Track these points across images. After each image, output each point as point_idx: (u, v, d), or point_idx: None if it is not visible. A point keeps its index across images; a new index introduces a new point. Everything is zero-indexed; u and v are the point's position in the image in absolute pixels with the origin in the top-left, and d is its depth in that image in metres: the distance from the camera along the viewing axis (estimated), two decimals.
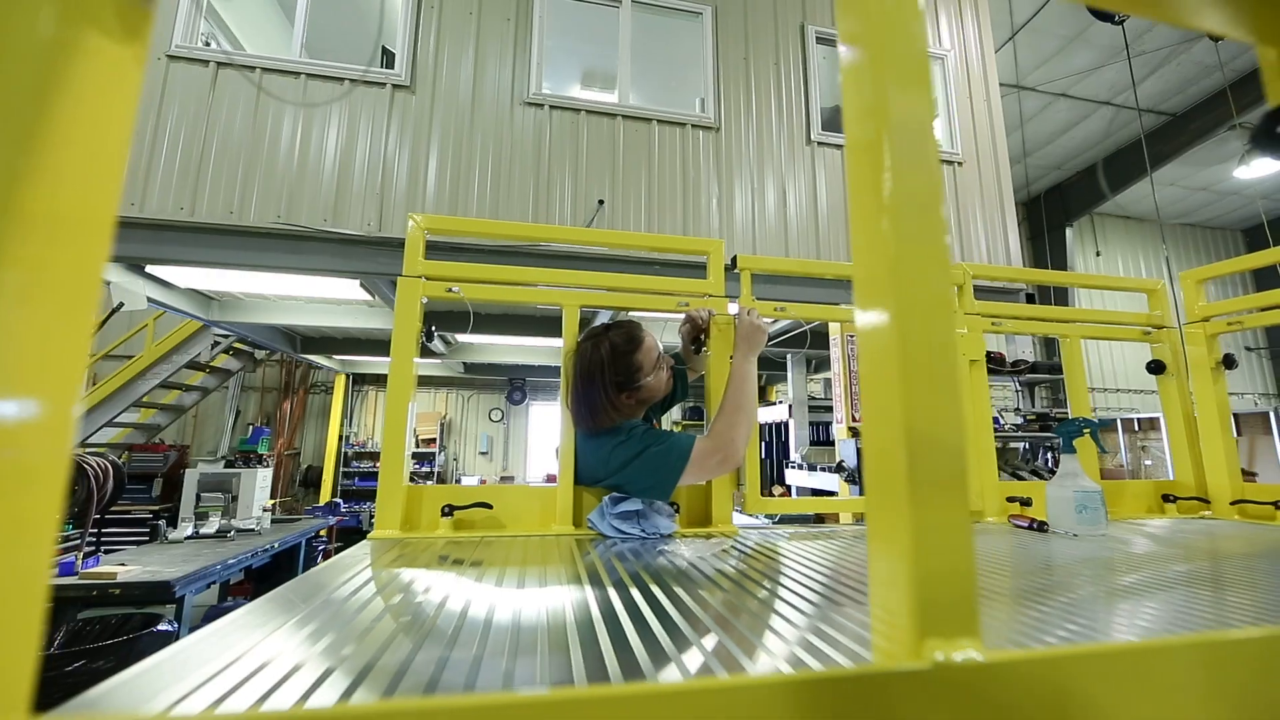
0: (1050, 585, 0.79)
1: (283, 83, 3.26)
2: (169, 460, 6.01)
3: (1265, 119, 0.46)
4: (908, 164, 0.33)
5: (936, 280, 0.32)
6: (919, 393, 0.30)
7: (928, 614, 0.28)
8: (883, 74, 0.34)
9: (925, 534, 0.29)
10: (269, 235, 3.11)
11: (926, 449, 0.29)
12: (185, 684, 0.43)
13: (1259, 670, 0.30)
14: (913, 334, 0.31)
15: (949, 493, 0.29)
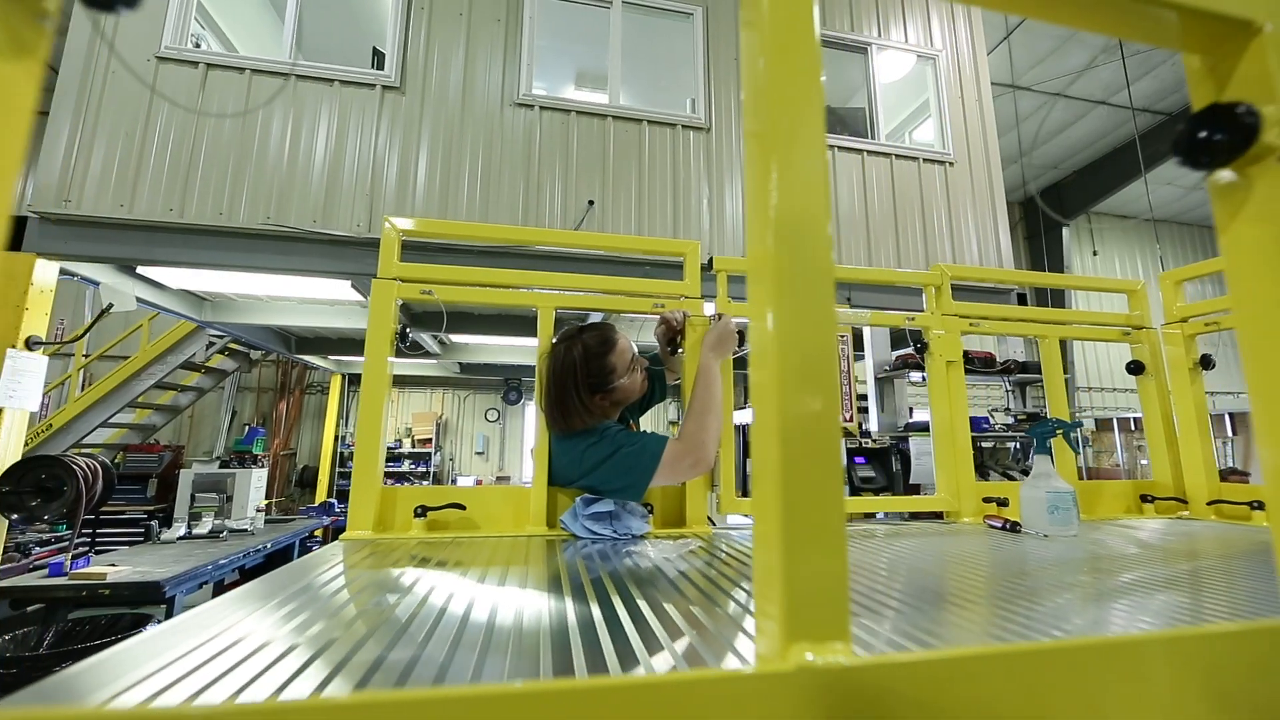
0: (992, 586, 0.80)
1: (272, 84, 3.26)
2: (164, 461, 6.02)
3: (1189, 124, 0.46)
4: (793, 155, 0.34)
5: (813, 279, 0.32)
6: (793, 394, 0.30)
7: (796, 616, 0.28)
8: (773, 62, 0.35)
9: (796, 536, 0.29)
10: (259, 236, 3.12)
11: (799, 451, 0.30)
12: (139, 672, 0.44)
13: (1126, 676, 0.30)
14: (788, 330, 0.32)
15: (821, 496, 0.29)
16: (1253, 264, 0.44)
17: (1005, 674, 0.29)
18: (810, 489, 0.30)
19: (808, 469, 0.30)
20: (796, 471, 0.30)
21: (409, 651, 0.53)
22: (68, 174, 2.95)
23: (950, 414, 1.58)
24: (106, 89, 3.08)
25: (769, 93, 0.35)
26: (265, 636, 0.56)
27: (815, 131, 0.35)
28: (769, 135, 0.35)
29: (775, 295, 0.32)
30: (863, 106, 4.33)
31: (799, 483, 0.30)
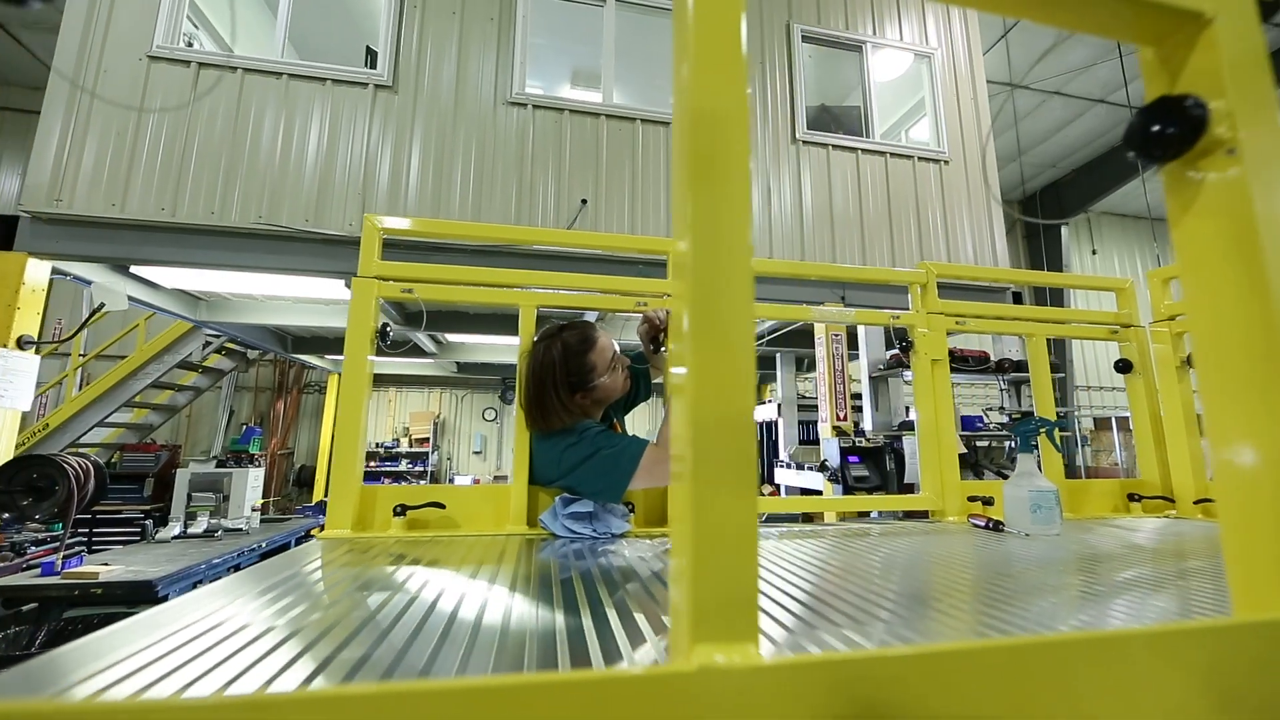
0: (959, 586, 0.79)
1: (264, 83, 3.26)
2: (160, 460, 6.02)
3: (1140, 118, 0.45)
4: (715, 147, 0.33)
5: (731, 278, 0.31)
6: (705, 394, 0.30)
7: (702, 618, 0.28)
8: (696, 52, 0.34)
9: (704, 537, 0.29)
10: (251, 235, 3.11)
11: (710, 452, 0.29)
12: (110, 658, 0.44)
13: (1031, 678, 0.30)
14: (703, 319, 0.31)
15: (732, 493, 0.29)
16: (1204, 258, 0.44)
17: (921, 674, 0.29)
18: (720, 490, 0.29)
19: (719, 470, 0.29)
20: (707, 472, 0.29)
21: (360, 650, 0.52)
22: (59, 173, 2.95)
23: (935, 413, 1.58)
24: (98, 87, 3.08)
25: (695, 103, 0.34)
26: (218, 633, 0.55)
27: (738, 139, 0.34)
28: (694, 137, 0.34)
29: (692, 294, 0.31)
30: (858, 105, 4.32)
31: (709, 484, 0.29)
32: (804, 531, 1.27)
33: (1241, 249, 0.41)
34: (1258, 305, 0.40)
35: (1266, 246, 0.40)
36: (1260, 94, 0.43)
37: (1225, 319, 0.42)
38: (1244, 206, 0.41)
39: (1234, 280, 0.41)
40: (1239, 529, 0.41)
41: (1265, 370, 0.39)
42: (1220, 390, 0.42)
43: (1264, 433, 0.39)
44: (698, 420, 0.30)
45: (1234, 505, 0.41)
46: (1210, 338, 0.43)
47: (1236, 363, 0.41)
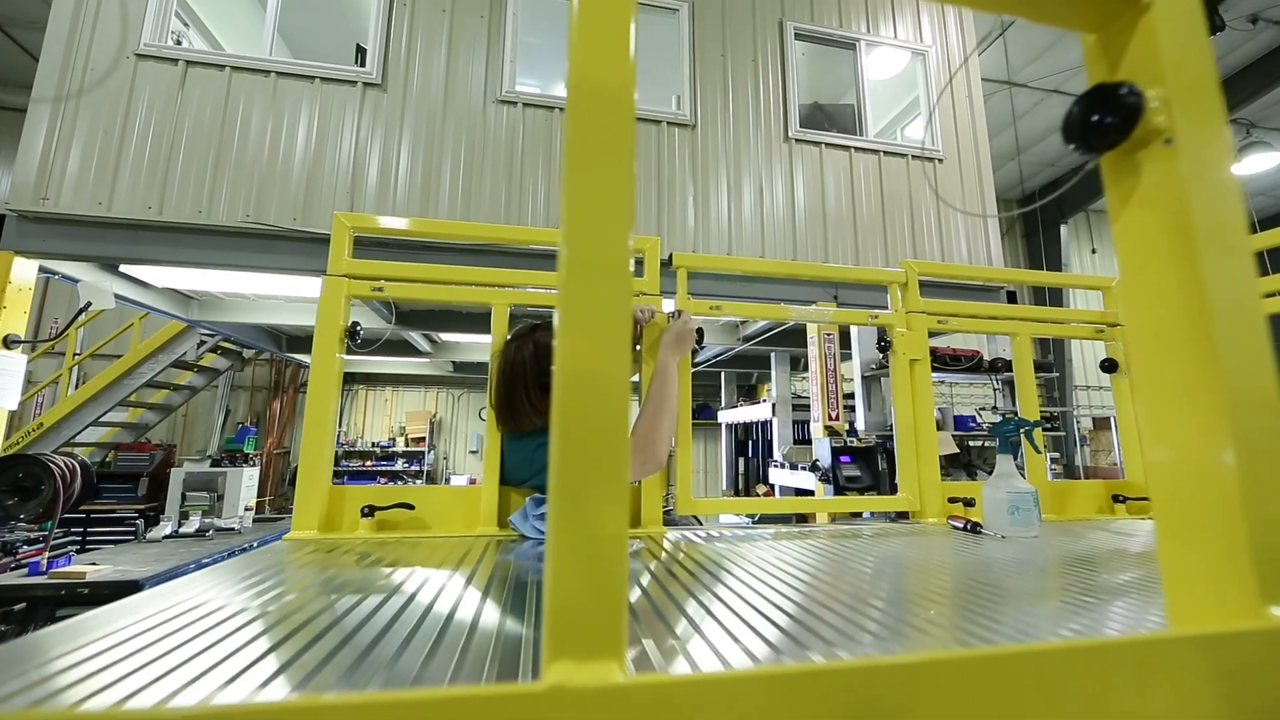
0: (917, 592, 0.78)
1: (252, 80, 3.25)
2: (155, 459, 6.01)
3: (1076, 107, 0.43)
4: (597, 124, 0.32)
5: (607, 272, 0.30)
6: (574, 392, 0.28)
7: (561, 632, 0.26)
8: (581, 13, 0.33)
9: (568, 545, 0.27)
10: (238, 234, 3.10)
11: (577, 455, 0.28)
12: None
13: (884, 700, 0.28)
14: (574, 302, 0.29)
15: (597, 504, 0.27)
16: (1140, 253, 0.42)
17: (791, 694, 0.27)
18: (586, 495, 0.27)
19: (585, 474, 0.27)
20: (573, 476, 0.27)
21: (284, 657, 0.51)
22: (45, 171, 2.94)
23: (914, 413, 1.56)
24: (85, 85, 3.07)
25: (579, 70, 0.33)
26: (146, 637, 0.54)
27: (622, 113, 0.33)
28: (576, 107, 0.32)
29: (564, 287, 0.30)
30: (852, 103, 4.30)
31: (574, 488, 0.27)
32: (791, 533, 1.25)
33: (1177, 244, 0.39)
34: (1193, 302, 0.38)
35: (1201, 242, 0.38)
36: (1200, 82, 0.41)
37: (1159, 317, 0.40)
38: (1180, 200, 0.39)
39: (1170, 277, 0.40)
40: (1174, 537, 0.39)
41: (1198, 373, 0.38)
42: (1154, 392, 0.41)
43: (1197, 437, 0.38)
44: (565, 418, 0.28)
45: (1169, 513, 0.40)
46: (1145, 337, 0.41)
47: (1170, 365, 0.40)
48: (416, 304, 4.55)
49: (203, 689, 0.44)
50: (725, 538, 1.18)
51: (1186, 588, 0.38)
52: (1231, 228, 0.39)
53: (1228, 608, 0.36)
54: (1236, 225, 0.39)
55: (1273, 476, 0.36)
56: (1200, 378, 0.38)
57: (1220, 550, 0.36)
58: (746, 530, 1.29)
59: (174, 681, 0.45)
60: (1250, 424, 0.36)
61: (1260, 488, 0.35)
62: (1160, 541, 0.40)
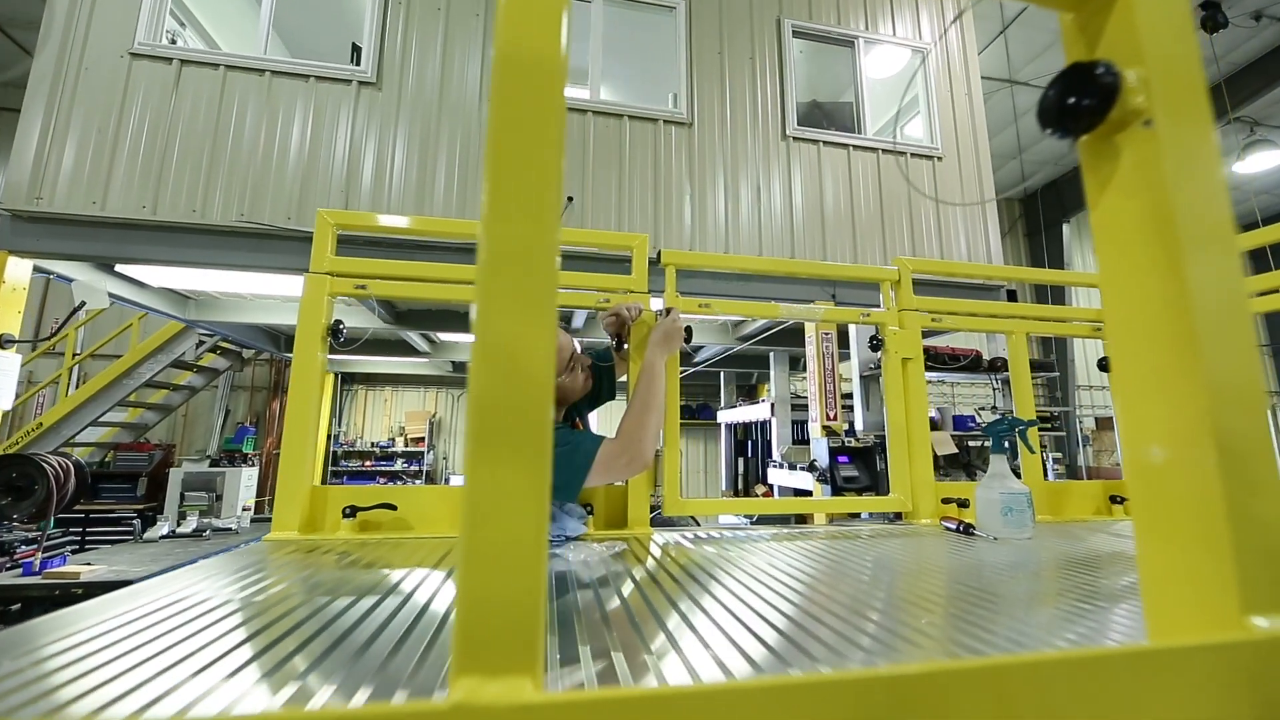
0: (894, 597, 0.75)
1: (247, 79, 3.23)
2: (154, 459, 6.01)
3: (1053, 88, 0.41)
4: (523, 103, 0.30)
5: (529, 259, 0.28)
6: (489, 384, 0.26)
7: (471, 643, 0.24)
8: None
9: (480, 545, 0.25)
10: (232, 233, 3.09)
11: (490, 452, 0.26)
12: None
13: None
14: (494, 290, 0.27)
15: (511, 497, 0.25)
16: (1119, 242, 0.40)
17: (732, 714, 0.25)
18: (500, 497, 0.25)
19: (499, 475, 0.25)
20: (486, 476, 0.25)
21: (234, 662, 0.49)
22: (40, 170, 2.93)
23: (906, 413, 1.54)
24: (80, 84, 3.06)
25: (506, 42, 0.31)
26: (107, 639, 0.52)
27: (552, 89, 0.31)
28: (506, 110, 0.30)
29: (483, 275, 0.28)
30: (851, 101, 4.27)
31: (487, 488, 0.25)
32: (780, 535, 1.23)
33: (1157, 233, 0.37)
34: (1173, 294, 0.36)
35: (1183, 230, 0.36)
36: (1181, 62, 0.39)
37: (1138, 310, 0.38)
38: (1159, 185, 0.37)
39: (1149, 268, 0.37)
40: (1153, 543, 0.37)
41: (1178, 370, 0.35)
42: (1132, 390, 0.38)
43: (1178, 437, 0.35)
44: (480, 415, 0.26)
45: (1148, 517, 0.37)
46: (1123, 331, 0.39)
47: (1149, 361, 0.37)
48: (414, 303, 4.54)
49: (144, 693, 0.42)
50: (715, 540, 1.16)
51: (1166, 596, 0.36)
52: (1215, 215, 0.37)
53: (1209, 618, 0.34)
54: (1220, 212, 0.37)
55: (1256, 479, 0.34)
56: (1181, 375, 0.35)
57: (1201, 557, 0.34)
58: (736, 532, 1.27)
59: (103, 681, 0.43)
60: (1233, 424, 0.34)
61: (1243, 491, 0.33)
62: (1139, 548, 0.38)
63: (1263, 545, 0.33)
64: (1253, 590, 0.32)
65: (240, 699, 0.41)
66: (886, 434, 1.58)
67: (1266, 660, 0.31)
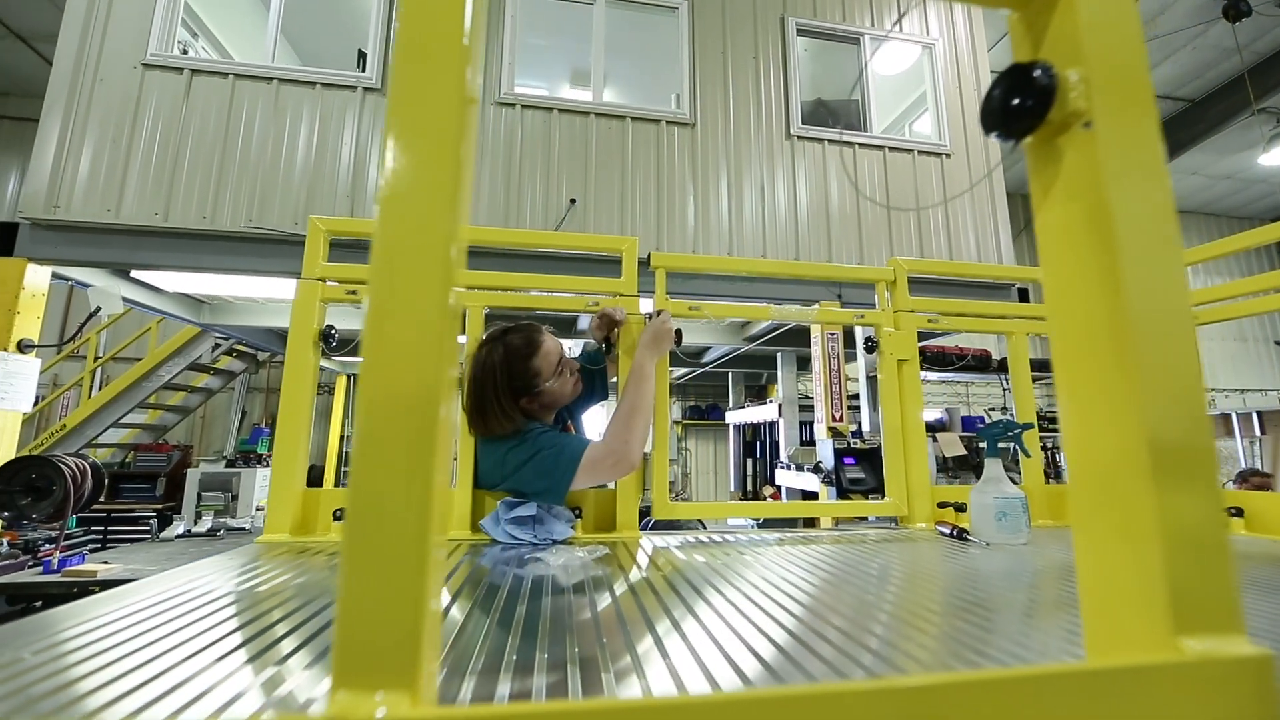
0: (862, 608, 0.74)
1: (255, 88, 3.29)
2: (172, 460, 6.15)
3: (994, 90, 0.40)
4: (424, 97, 0.30)
5: (425, 228, 0.28)
6: (380, 378, 0.26)
7: (351, 654, 0.24)
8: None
9: (360, 550, 0.25)
10: (241, 239, 3.15)
11: (378, 449, 0.26)
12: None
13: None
14: (386, 289, 0.28)
15: (395, 498, 0.25)
16: (1060, 248, 0.39)
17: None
18: (385, 497, 0.25)
19: (382, 482, 0.25)
20: (370, 475, 0.25)
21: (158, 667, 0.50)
22: (57, 180, 3.02)
23: (902, 415, 1.52)
24: (94, 95, 3.14)
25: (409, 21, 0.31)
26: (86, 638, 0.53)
27: (453, 100, 0.31)
28: (404, 97, 0.30)
29: (374, 275, 0.28)
30: (857, 99, 4.23)
31: (372, 489, 0.25)
32: (768, 541, 1.22)
33: (1096, 237, 0.36)
34: (1110, 302, 0.35)
35: (1120, 234, 0.35)
36: (1124, 61, 0.38)
37: (1078, 317, 0.37)
38: (1098, 187, 0.36)
39: (1088, 274, 0.36)
40: (1091, 557, 0.36)
41: (1116, 381, 0.34)
42: (1072, 400, 0.37)
43: (1114, 449, 0.34)
44: (368, 418, 0.26)
45: (1086, 530, 0.36)
46: (1063, 339, 0.38)
47: (1089, 370, 0.36)
48: None
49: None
50: (704, 545, 1.15)
51: (1103, 613, 0.35)
52: (1155, 219, 0.36)
53: (1142, 637, 0.32)
54: (1161, 216, 0.36)
55: (1192, 493, 0.32)
56: (1118, 386, 0.34)
57: (1135, 572, 0.33)
58: (728, 537, 1.26)
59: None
60: (1168, 437, 0.33)
61: (1177, 505, 0.32)
62: (1078, 560, 0.36)
63: (1197, 562, 0.32)
64: (1186, 609, 0.31)
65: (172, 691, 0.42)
66: (882, 436, 1.56)
67: (1196, 684, 0.30)
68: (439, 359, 0.27)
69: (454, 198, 0.29)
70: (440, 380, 0.27)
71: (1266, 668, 0.30)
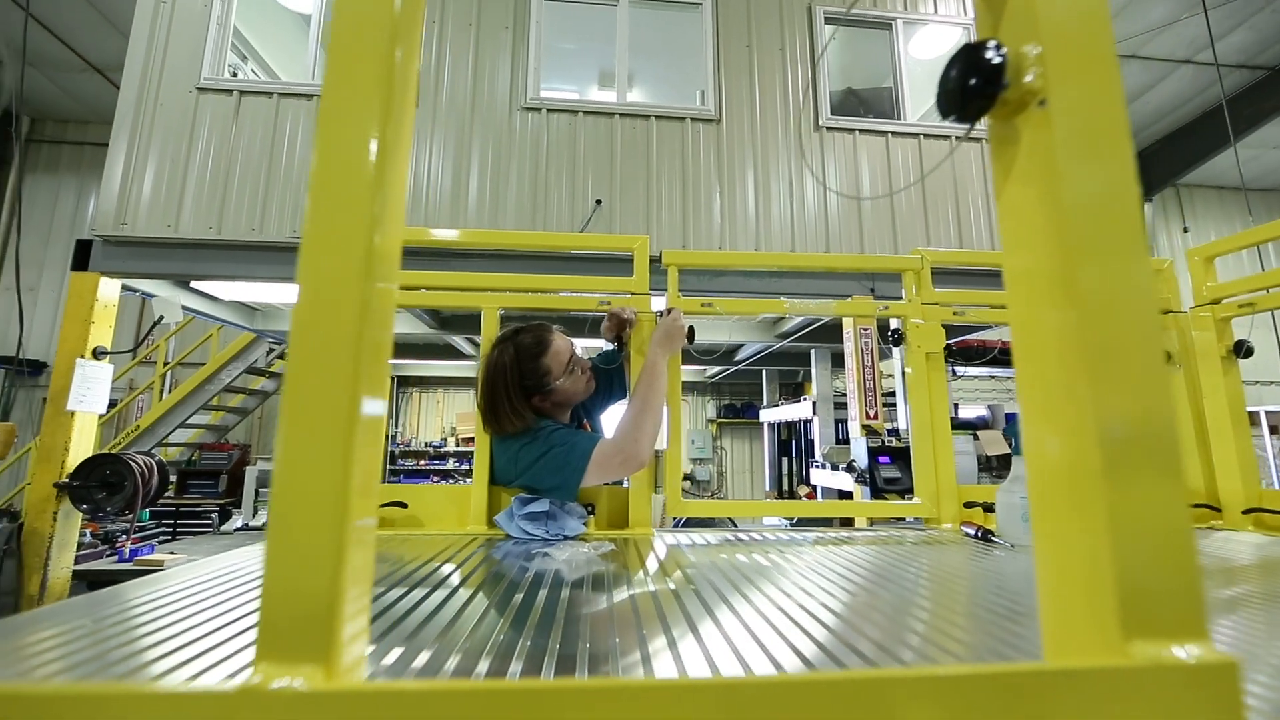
0: (861, 615, 0.72)
1: (298, 105, 3.47)
2: (233, 458, 6.57)
3: (949, 70, 0.39)
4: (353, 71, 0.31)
5: (343, 248, 0.29)
6: (305, 368, 0.28)
7: (270, 627, 0.26)
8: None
9: (281, 537, 0.27)
10: (286, 248, 3.33)
11: (301, 421, 0.27)
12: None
13: None
14: (312, 283, 0.29)
15: (312, 494, 0.27)
16: (1020, 234, 0.37)
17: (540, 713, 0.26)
18: (303, 485, 0.27)
19: (302, 466, 0.27)
20: (290, 468, 0.27)
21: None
22: (124, 199, 3.27)
23: (930, 411, 1.46)
24: (155, 119, 3.39)
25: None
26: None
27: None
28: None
29: (303, 269, 0.29)
30: (889, 86, 4.09)
31: (292, 478, 0.27)
32: (783, 542, 1.21)
33: (1050, 223, 0.34)
34: (1061, 292, 0.33)
35: (1071, 220, 0.33)
36: (1081, 36, 0.36)
37: (1034, 309, 0.35)
38: (1051, 169, 0.34)
39: (1042, 263, 0.35)
40: (1048, 555, 0.34)
41: (1071, 377, 0.33)
42: (1031, 396, 0.36)
43: (1069, 448, 0.33)
44: (290, 403, 0.28)
45: (1043, 529, 0.35)
46: (1022, 333, 0.36)
47: (1046, 366, 0.35)
48: (456, 310, 4.71)
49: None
50: (715, 545, 1.15)
51: (1059, 612, 0.33)
52: (1113, 204, 0.33)
53: (1093, 639, 0.31)
54: (1120, 201, 0.34)
55: (1149, 487, 0.30)
56: (1073, 382, 0.33)
57: (1086, 571, 0.31)
58: (742, 536, 1.25)
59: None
60: (1123, 429, 0.31)
61: (1132, 501, 0.30)
62: (1037, 556, 0.35)
63: (1154, 561, 0.30)
64: (1135, 612, 0.29)
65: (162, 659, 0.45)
66: (910, 434, 1.51)
67: (1143, 691, 0.28)
68: (356, 349, 0.28)
69: (375, 186, 0.30)
70: (357, 369, 0.28)
71: (1227, 677, 0.28)
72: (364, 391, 0.29)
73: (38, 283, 7.35)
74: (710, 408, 9.37)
